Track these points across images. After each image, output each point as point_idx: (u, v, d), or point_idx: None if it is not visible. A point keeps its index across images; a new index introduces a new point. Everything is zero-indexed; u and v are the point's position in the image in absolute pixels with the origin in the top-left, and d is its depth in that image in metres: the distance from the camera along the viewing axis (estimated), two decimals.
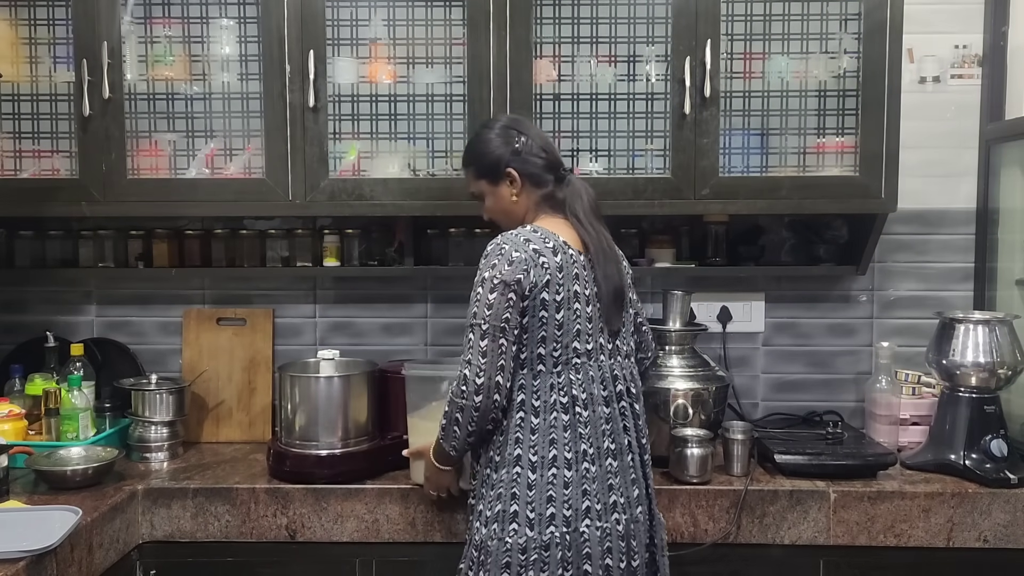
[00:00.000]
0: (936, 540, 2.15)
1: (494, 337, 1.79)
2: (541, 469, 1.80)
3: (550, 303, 1.81)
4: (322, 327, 2.73)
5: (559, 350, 1.82)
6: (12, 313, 2.73)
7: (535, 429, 1.81)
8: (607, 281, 1.88)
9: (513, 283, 1.79)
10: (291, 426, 2.26)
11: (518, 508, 1.79)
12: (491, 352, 1.79)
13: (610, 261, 1.91)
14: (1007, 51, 2.59)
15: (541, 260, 1.81)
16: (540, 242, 1.84)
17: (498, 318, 1.79)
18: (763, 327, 2.71)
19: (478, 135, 2.01)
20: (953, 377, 2.27)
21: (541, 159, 1.94)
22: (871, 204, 2.37)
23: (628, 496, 1.86)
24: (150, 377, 2.54)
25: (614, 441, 1.85)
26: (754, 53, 2.38)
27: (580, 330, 1.84)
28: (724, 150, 2.37)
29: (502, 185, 1.95)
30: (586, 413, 1.83)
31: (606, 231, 1.95)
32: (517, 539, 1.78)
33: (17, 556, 1.68)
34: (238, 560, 2.19)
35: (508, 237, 1.86)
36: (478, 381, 1.79)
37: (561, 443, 1.80)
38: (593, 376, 1.85)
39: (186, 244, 2.63)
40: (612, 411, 1.87)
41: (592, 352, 1.86)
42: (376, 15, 2.38)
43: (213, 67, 2.41)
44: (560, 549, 1.77)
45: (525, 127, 1.98)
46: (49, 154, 2.44)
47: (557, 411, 1.81)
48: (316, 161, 2.36)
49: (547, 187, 1.94)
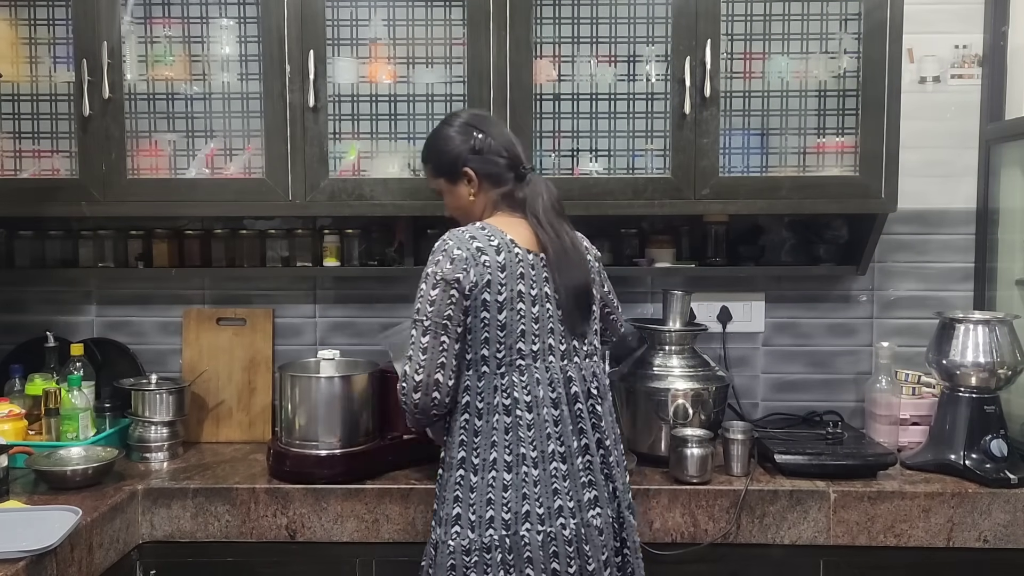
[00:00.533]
0: (936, 540, 2.15)
1: (435, 334, 1.78)
2: (482, 472, 1.78)
3: (491, 303, 1.78)
4: (322, 327, 2.73)
5: (502, 351, 1.79)
6: (12, 313, 2.73)
7: (478, 431, 1.80)
8: (567, 283, 1.84)
9: (453, 281, 1.78)
10: (291, 426, 2.26)
11: (460, 511, 1.78)
12: (431, 349, 1.78)
13: (571, 262, 1.86)
14: (1007, 51, 2.59)
15: (483, 259, 1.79)
16: (484, 240, 1.81)
17: (440, 315, 1.78)
18: (763, 327, 2.71)
19: (437, 131, 1.98)
20: (953, 377, 2.27)
21: (502, 158, 1.91)
22: (871, 204, 2.37)
23: (579, 500, 1.79)
24: (150, 377, 2.54)
25: (563, 444, 1.79)
26: (754, 53, 2.38)
27: (525, 331, 1.80)
28: (724, 150, 2.37)
29: (460, 184, 1.93)
30: (529, 416, 1.78)
31: (569, 230, 1.91)
32: (460, 541, 1.77)
33: (17, 556, 1.68)
34: (238, 560, 2.19)
35: (454, 234, 1.84)
36: (417, 378, 1.78)
37: (501, 446, 1.78)
38: (539, 378, 1.80)
39: (186, 244, 2.63)
40: (562, 413, 1.81)
41: (539, 353, 1.81)
42: (376, 15, 2.38)
43: (213, 67, 2.41)
44: (500, 552, 1.75)
45: (486, 124, 1.94)
46: (49, 154, 2.44)
47: (499, 413, 1.79)
48: (316, 161, 2.36)
49: (506, 186, 1.91)
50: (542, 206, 1.87)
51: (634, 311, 2.71)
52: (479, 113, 2.07)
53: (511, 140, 1.95)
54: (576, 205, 2.36)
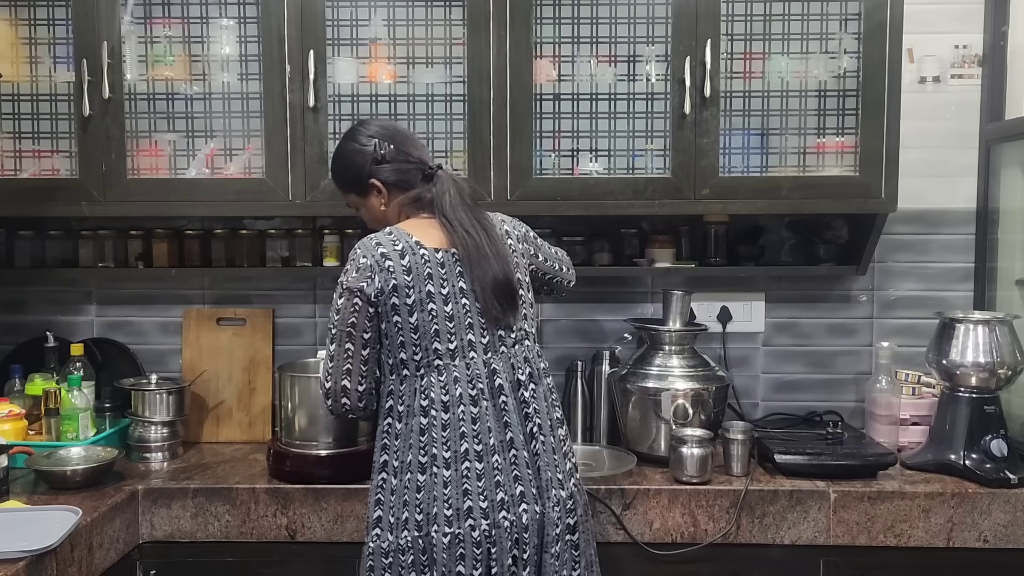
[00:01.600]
0: (936, 540, 2.15)
1: (340, 342, 1.81)
2: (400, 474, 1.79)
3: (401, 307, 1.78)
4: (322, 327, 2.73)
5: (419, 353, 1.79)
6: (12, 313, 2.73)
7: (398, 434, 1.81)
8: (482, 277, 1.81)
9: (356, 290, 1.78)
10: (291, 426, 2.26)
11: (381, 513, 1.80)
12: (337, 356, 1.81)
13: (484, 255, 1.82)
14: (1007, 51, 2.59)
15: (387, 264, 1.79)
16: (389, 245, 1.81)
17: (344, 323, 1.80)
18: (763, 327, 2.71)
19: (338, 148, 1.97)
20: (953, 377, 2.27)
21: (407, 163, 1.90)
22: (871, 204, 2.37)
23: (492, 500, 1.75)
24: (150, 377, 2.54)
25: (479, 442, 1.77)
26: (754, 53, 2.38)
27: (439, 330, 1.79)
28: (724, 150, 2.37)
29: (370, 196, 1.93)
30: (445, 415, 1.77)
31: (484, 222, 1.87)
32: (380, 543, 1.79)
33: (17, 556, 1.68)
34: (238, 560, 2.19)
35: (363, 242, 1.84)
36: (326, 385, 1.84)
37: (416, 447, 1.78)
38: (458, 376, 1.79)
39: (186, 244, 2.63)
40: (481, 409, 1.78)
41: (457, 351, 1.80)
42: (376, 15, 2.38)
43: (213, 67, 2.41)
44: (413, 553, 1.75)
45: (387, 131, 1.93)
46: (49, 154, 2.44)
47: (417, 415, 1.79)
48: (316, 161, 2.36)
49: (415, 189, 1.90)
50: (449, 203, 1.86)
51: (634, 311, 2.71)
52: (380, 121, 2.08)
53: (414, 143, 1.95)
54: (576, 205, 2.37)
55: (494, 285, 1.82)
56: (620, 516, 2.14)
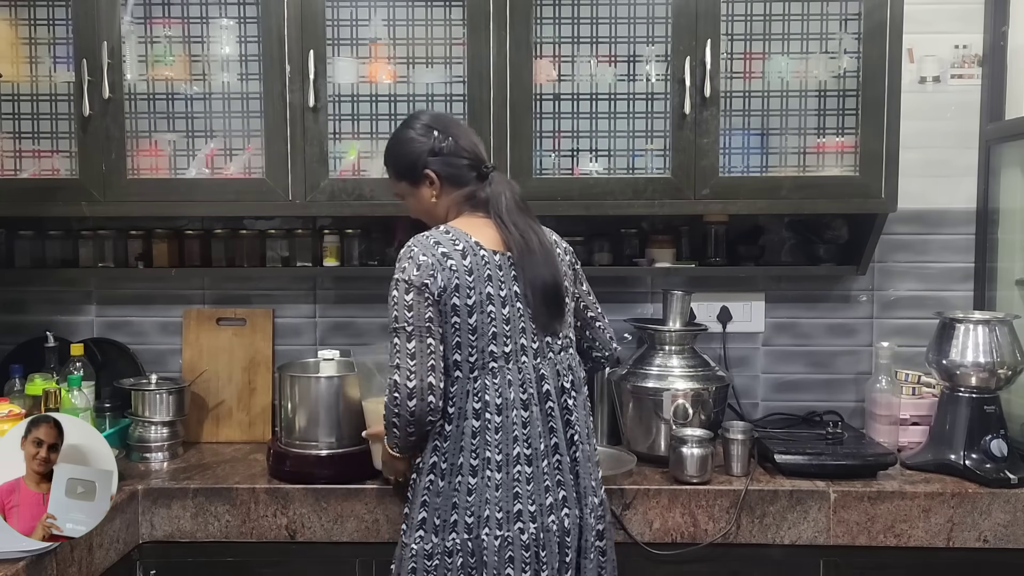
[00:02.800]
0: (936, 540, 2.15)
1: (420, 338, 1.75)
2: (449, 476, 1.78)
3: (461, 308, 1.77)
4: (322, 327, 2.73)
5: (475, 355, 1.78)
6: (12, 313, 2.73)
7: (448, 436, 1.79)
8: (534, 281, 1.82)
9: (422, 286, 1.76)
10: (291, 426, 2.26)
11: (427, 515, 1.79)
12: (419, 353, 1.75)
13: (537, 260, 1.83)
14: (1007, 51, 2.59)
15: (449, 263, 1.78)
16: (449, 244, 1.80)
17: (421, 318, 1.76)
18: (763, 327, 2.71)
19: (397, 134, 1.96)
20: (953, 377, 2.27)
21: (463, 158, 1.88)
22: (871, 204, 2.37)
23: (541, 504, 1.77)
24: (150, 377, 2.54)
25: (529, 446, 1.78)
26: (754, 53, 2.38)
27: (496, 333, 1.79)
28: (724, 150, 2.37)
29: (422, 186, 1.90)
30: (498, 419, 1.77)
31: (536, 227, 1.87)
32: (423, 545, 1.78)
33: (17, 556, 1.68)
34: (238, 560, 2.19)
35: (419, 240, 1.82)
36: (410, 385, 1.75)
37: (468, 450, 1.77)
38: (511, 379, 1.79)
39: (186, 244, 2.63)
40: (532, 414, 1.79)
41: (511, 355, 1.80)
42: (376, 15, 2.38)
43: (213, 67, 2.41)
44: (462, 556, 1.76)
45: (447, 125, 1.91)
46: (49, 154, 2.44)
47: (470, 417, 1.78)
48: (316, 161, 2.36)
49: (469, 186, 1.89)
50: (505, 205, 1.86)
51: (634, 311, 2.71)
52: (439, 114, 2.07)
53: (473, 140, 1.93)
54: (576, 205, 2.37)
55: (544, 290, 1.83)
56: (620, 516, 2.14)
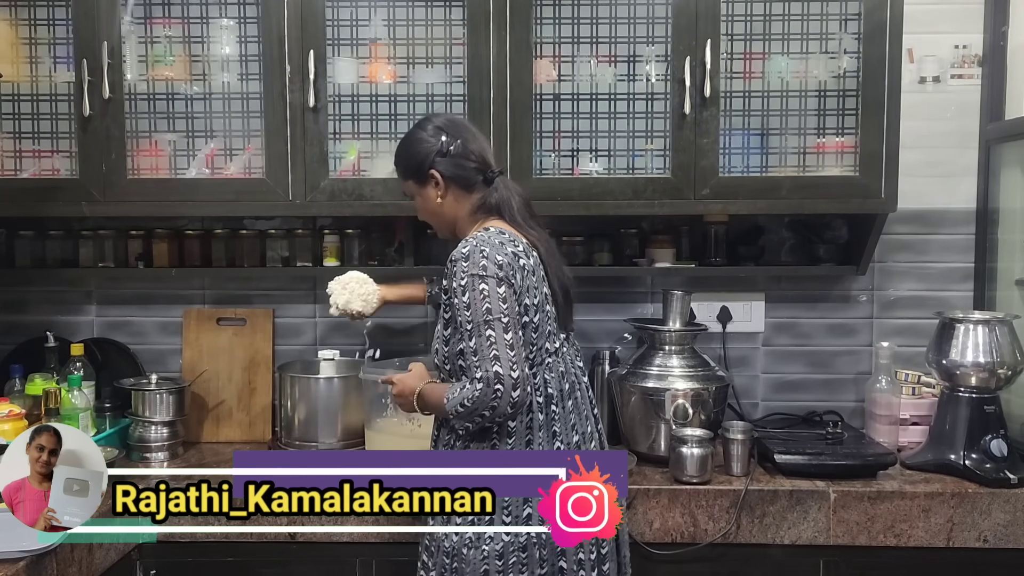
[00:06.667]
0: (936, 540, 2.15)
1: (515, 330, 1.75)
2: None
3: (530, 307, 1.81)
4: (322, 327, 2.73)
5: (534, 352, 1.81)
6: (12, 313, 2.73)
7: (511, 432, 1.79)
8: (560, 279, 1.89)
9: (506, 279, 1.77)
10: (291, 426, 2.27)
11: (495, 513, 1.77)
12: (517, 344, 1.74)
13: (557, 260, 1.91)
14: (1007, 51, 2.59)
15: (521, 263, 1.80)
16: (512, 246, 1.82)
17: (513, 311, 1.76)
18: (763, 327, 2.71)
19: (408, 134, 1.97)
20: (953, 377, 2.27)
21: (470, 162, 1.89)
22: (871, 204, 2.37)
23: None
24: (150, 377, 2.54)
25: (578, 433, 1.85)
26: (754, 53, 2.38)
27: (550, 330, 1.84)
28: (724, 150, 2.37)
29: (427, 187, 1.92)
30: (558, 410, 1.82)
31: (543, 227, 1.93)
32: (494, 546, 1.77)
33: (17, 556, 1.68)
34: (238, 560, 2.18)
35: (487, 239, 1.81)
36: (514, 375, 1.70)
37: (536, 443, 1.80)
38: (563, 371, 1.85)
39: (186, 244, 2.63)
40: (573, 403, 1.86)
41: (558, 350, 1.86)
42: (376, 15, 2.38)
43: (213, 67, 2.41)
44: (537, 548, 1.77)
45: (458, 128, 1.92)
46: (49, 154, 2.44)
47: (534, 411, 1.80)
48: (316, 161, 2.36)
49: (475, 190, 1.90)
50: (518, 208, 1.90)
51: (634, 311, 2.71)
52: (453, 118, 2.08)
53: (482, 144, 1.95)
54: (576, 205, 2.37)
55: (562, 288, 1.89)
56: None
